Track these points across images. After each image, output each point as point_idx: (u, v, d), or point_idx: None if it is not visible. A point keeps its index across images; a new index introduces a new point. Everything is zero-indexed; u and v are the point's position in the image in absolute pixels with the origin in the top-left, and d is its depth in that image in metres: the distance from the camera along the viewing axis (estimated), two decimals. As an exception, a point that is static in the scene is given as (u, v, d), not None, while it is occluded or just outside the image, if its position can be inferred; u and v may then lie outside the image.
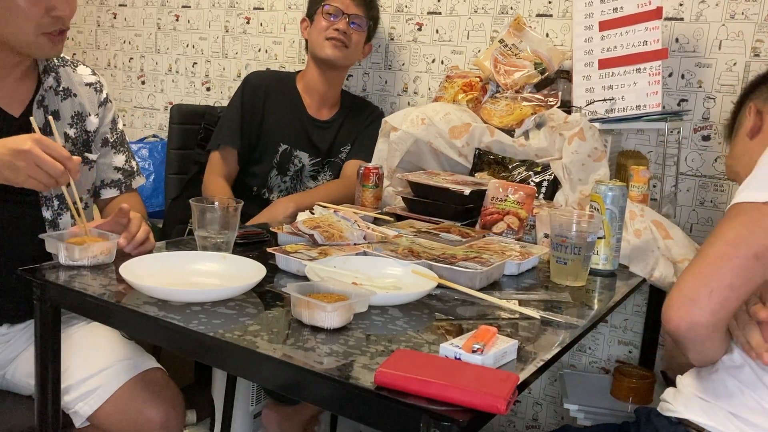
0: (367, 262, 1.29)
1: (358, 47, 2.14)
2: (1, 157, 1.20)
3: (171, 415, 1.42)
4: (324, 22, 2.08)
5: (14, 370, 1.48)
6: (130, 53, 3.14)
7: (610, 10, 1.83)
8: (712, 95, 1.94)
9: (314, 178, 2.16)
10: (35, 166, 1.19)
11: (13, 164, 1.19)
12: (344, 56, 2.10)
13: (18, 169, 1.20)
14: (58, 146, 1.23)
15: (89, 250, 1.24)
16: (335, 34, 2.06)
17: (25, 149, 1.19)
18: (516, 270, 1.38)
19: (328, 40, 2.07)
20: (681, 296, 1.04)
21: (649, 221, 1.57)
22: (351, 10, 2.09)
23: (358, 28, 2.12)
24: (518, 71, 1.97)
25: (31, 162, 1.19)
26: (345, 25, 2.08)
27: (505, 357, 0.93)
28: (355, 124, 2.21)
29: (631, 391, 1.82)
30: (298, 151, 2.12)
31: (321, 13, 2.09)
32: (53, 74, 1.50)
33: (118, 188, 1.63)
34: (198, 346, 1.02)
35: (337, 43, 2.07)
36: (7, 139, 1.22)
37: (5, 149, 1.20)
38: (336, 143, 2.18)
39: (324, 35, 2.08)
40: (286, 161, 2.11)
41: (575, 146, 1.71)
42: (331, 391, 0.89)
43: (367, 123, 2.21)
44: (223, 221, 1.34)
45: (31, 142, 1.20)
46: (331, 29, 2.07)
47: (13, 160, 1.19)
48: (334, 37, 2.07)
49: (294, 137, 2.12)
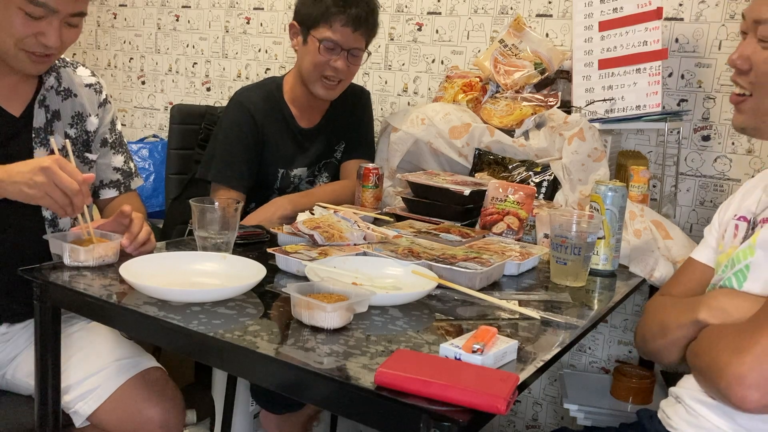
0: (367, 262, 1.29)
1: (354, 73, 1.97)
2: (22, 174, 1.22)
3: (171, 415, 1.42)
4: (320, 57, 1.85)
5: (14, 370, 1.48)
6: (130, 53, 3.14)
7: (610, 10, 1.83)
8: (712, 95, 1.94)
9: (311, 183, 2.08)
10: (53, 184, 1.21)
11: (32, 180, 1.22)
12: (338, 91, 1.94)
13: (36, 186, 1.22)
14: (74, 168, 1.25)
15: (94, 251, 1.25)
16: (331, 73, 1.87)
17: (45, 165, 1.21)
18: (516, 270, 1.38)
19: (322, 78, 1.88)
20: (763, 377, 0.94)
21: (649, 221, 1.57)
22: (351, 44, 1.85)
23: (357, 58, 1.91)
24: (518, 71, 1.97)
25: (49, 179, 1.21)
26: (343, 64, 1.86)
27: (505, 357, 0.93)
28: (346, 119, 2.09)
29: (631, 391, 1.82)
30: (295, 169, 2.01)
31: (318, 44, 1.83)
32: (54, 74, 1.50)
33: (117, 189, 1.63)
34: (198, 346, 1.02)
35: (331, 84, 1.89)
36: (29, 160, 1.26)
37: (26, 166, 1.23)
38: (329, 144, 2.08)
39: (318, 72, 1.87)
40: (287, 183, 2.01)
41: (575, 146, 1.71)
42: (331, 391, 0.89)
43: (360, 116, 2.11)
44: (223, 221, 1.34)
45: (51, 160, 1.22)
46: (326, 67, 1.86)
47: (32, 176, 1.22)
48: (330, 77, 1.88)
49: (290, 158, 1.99)
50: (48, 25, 1.33)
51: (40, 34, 1.33)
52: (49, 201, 1.23)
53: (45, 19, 1.32)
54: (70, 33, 1.39)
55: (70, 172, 1.23)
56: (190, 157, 2.22)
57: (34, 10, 1.30)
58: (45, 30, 1.33)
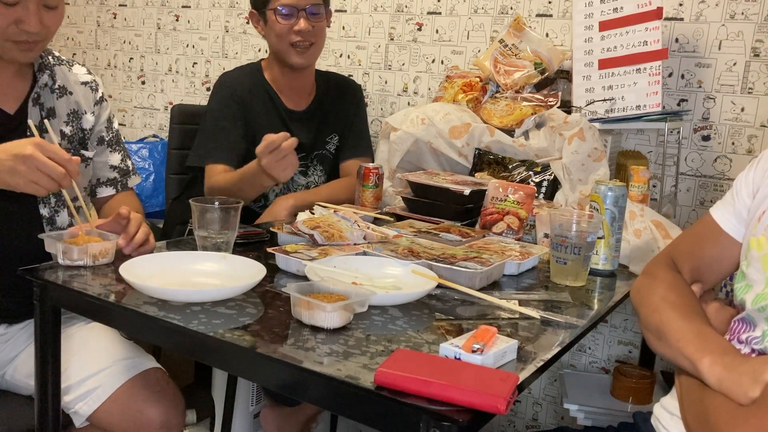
0: (367, 262, 1.29)
1: (323, 33, 1.94)
2: (2, 162, 1.20)
3: (171, 415, 1.42)
4: (280, 25, 1.85)
5: (14, 371, 1.48)
6: (130, 53, 3.14)
7: (610, 10, 1.83)
8: (712, 95, 1.94)
9: (304, 174, 2.04)
10: (36, 170, 1.20)
11: (15, 169, 1.20)
12: (313, 55, 1.93)
13: (19, 174, 1.20)
14: (58, 149, 1.23)
15: (88, 250, 1.24)
16: (298, 38, 1.86)
17: (27, 154, 1.19)
18: (516, 270, 1.38)
19: (291, 46, 1.88)
20: None
21: (649, 221, 1.57)
22: (304, 2, 1.85)
23: (318, 16, 1.89)
24: (518, 71, 1.97)
25: (32, 166, 1.19)
26: (305, 24, 1.85)
27: (505, 357, 0.93)
28: (338, 111, 2.08)
29: (631, 391, 1.82)
30: None
31: (274, 14, 1.85)
32: (48, 72, 1.50)
33: (114, 187, 1.63)
34: (198, 346, 1.02)
35: (302, 49, 1.88)
36: (7, 144, 1.22)
37: (6, 154, 1.20)
38: (320, 134, 2.06)
39: (286, 41, 1.87)
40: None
41: (575, 146, 1.71)
42: (331, 391, 0.89)
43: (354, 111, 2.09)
44: (223, 221, 1.34)
45: (32, 146, 1.20)
46: (291, 33, 1.85)
47: (14, 164, 1.19)
48: (298, 42, 1.87)
49: None
50: (24, 10, 1.32)
51: (19, 21, 1.33)
52: (34, 188, 1.22)
53: (20, 4, 1.31)
54: (50, 16, 1.37)
55: (54, 154, 1.21)
56: (191, 157, 2.22)
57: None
58: (22, 16, 1.32)
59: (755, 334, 1.02)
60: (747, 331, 1.04)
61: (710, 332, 1.03)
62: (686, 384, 1.02)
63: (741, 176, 1.17)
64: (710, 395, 0.96)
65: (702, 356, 0.98)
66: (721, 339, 1.03)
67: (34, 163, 1.19)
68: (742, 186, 1.15)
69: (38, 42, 1.39)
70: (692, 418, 0.98)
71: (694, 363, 0.98)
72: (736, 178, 1.18)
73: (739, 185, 1.15)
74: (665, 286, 1.13)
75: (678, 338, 1.02)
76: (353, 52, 2.51)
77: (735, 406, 0.91)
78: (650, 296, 1.12)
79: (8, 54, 1.38)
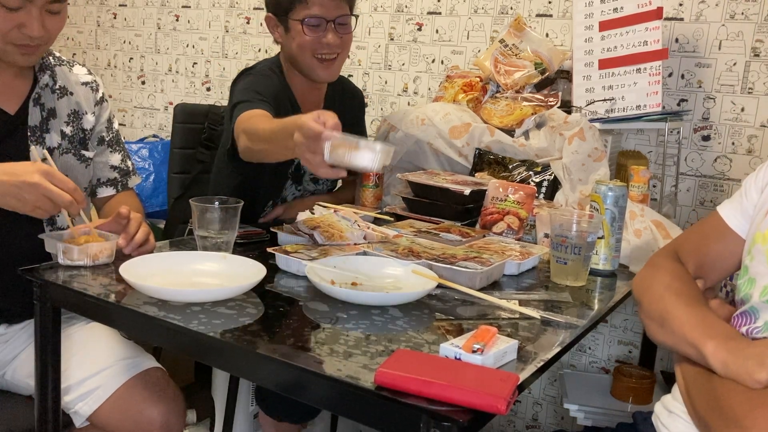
0: (367, 261, 1.29)
1: (349, 45, 1.81)
2: (8, 187, 1.21)
3: (172, 415, 1.42)
4: (307, 37, 1.70)
5: (14, 371, 1.48)
6: (130, 53, 3.14)
7: (610, 10, 1.83)
8: (712, 95, 1.94)
9: (315, 181, 1.99)
10: (43, 197, 1.21)
11: (21, 195, 1.21)
12: (338, 68, 1.79)
13: (25, 201, 1.22)
14: (64, 177, 1.25)
15: (88, 250, 1.24)
16: (324, 51, 1.71)
17: (34, 182, 1.20)
18: (516, 270, 1.38)
19: (315, 58, 1.73)
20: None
21: (649, 221, 1.57)
22: (334, 13, 1.70)
23: (347, 27, 1.75)
24: (518, 71, 1.97)
25: (39, 194, 1.21)
26: (333, 37, 1.71)
27: (505, 357, 0.93)
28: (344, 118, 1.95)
29: (631, 391, 1.82)
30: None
31: (301, 25, 1.69)
32: (49, 72, 1.50)
33: (115, 187, 1.63)
34: (198, 346, 1.02)
35: (328, 62, 1.74)
36: (13, 167, 1.23)
37: (12, 178, 1.21)
38: None
39: (310, 53, 1.72)
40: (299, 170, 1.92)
41: (575, 146, 1.71)
42: (331, 391, 0.89)
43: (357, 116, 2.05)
44: (223, 221, 1.33)
45: (39, 175, 1.21)
46: (318, 46, 1.71)
47: (20, 192, 1.21)
48: (324, 55, 1.72)
49: None
50: (27, 15, 1.32)
51: (21, 26, 1.33)
52: (40, 213, 1.24)
53: (23, 9, 1.31)
54: (53, 21, 1.37)
55: (61, 182, 1.23)
56: (192, 157, 2.22)
57: (9, 1, 1.30)
58: (25, 21, 1.32)
59: (757, 324, 1.03)
60: (747, 323, 1.04)
61: (714, 318, 1.03)
62: (690, 372, 1.02)
63: (751, 176, 1.18)
64: (720, 380, 0.95)
65: (706, 341, 0.97)
66: (725, 324, 1.03)
67: (41, 191, 1.21)
68: (751, 184, 1.16)
69: (40, 46, 1.39)
70: (702, 405, 0.97)
71: (699, 348, 0.98)
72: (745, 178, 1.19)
73: (748, 183, 1.16)
74: (669, 275, 1.13)
75: (682, 324, 1.02)
76: (353, 52, 2.51)
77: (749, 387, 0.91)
78: (654, 285, 1.12)
79: (9, 57, 1.38)
